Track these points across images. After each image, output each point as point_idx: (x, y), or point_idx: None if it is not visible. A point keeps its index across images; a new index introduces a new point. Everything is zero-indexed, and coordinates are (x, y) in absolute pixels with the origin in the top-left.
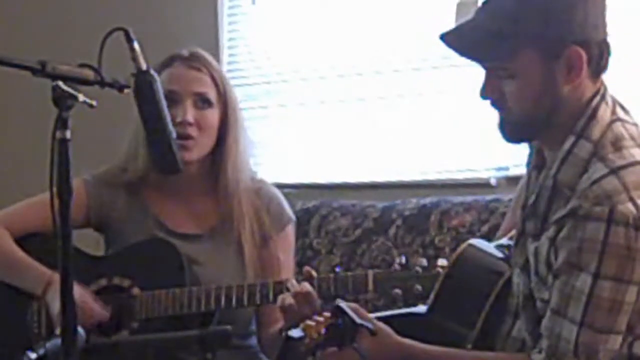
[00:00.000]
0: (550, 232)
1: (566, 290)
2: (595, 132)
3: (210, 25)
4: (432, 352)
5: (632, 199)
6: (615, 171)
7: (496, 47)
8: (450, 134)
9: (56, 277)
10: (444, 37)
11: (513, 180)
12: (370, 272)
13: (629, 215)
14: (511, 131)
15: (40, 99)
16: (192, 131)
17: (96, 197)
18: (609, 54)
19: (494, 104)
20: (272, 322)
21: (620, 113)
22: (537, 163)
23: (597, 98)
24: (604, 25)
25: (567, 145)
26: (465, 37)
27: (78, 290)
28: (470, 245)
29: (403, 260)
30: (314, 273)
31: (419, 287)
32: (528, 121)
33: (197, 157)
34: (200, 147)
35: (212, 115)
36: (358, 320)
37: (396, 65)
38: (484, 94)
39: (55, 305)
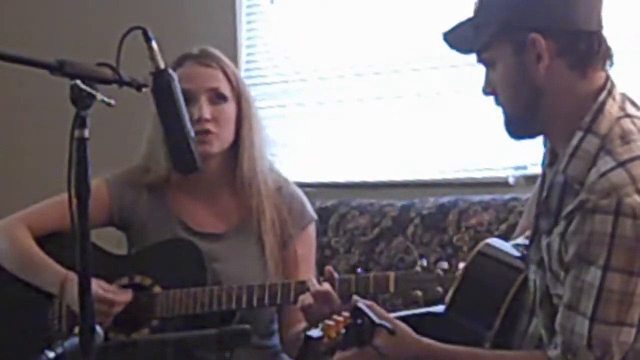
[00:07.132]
0: (560, 227)
1: (577, 285)
2: (603, 126)
3: (228, 25)
4: (451, 350)
5: (639, 191)
6: (623, 164)
7: (475, 37)
8: (468, 133)
9: (71, 275)
10: (445, 36)
11: (531, 179)
12: (392, 274)
13: (636, 207)
14: (509, 126)
15: (58, 98)
16: (211, 126)
17: (118, 197)
18: (592, 46)
19: (495, 100)
20: (295, 322)
21: (629, 109)
22: (550, 161)
23: (604, 93)
24: (588, 16)
25: (575, 140)
26: (457, 32)
27: (95, 283)
28: (488, 244)
29: (424, 262)
30: (335, 274)
31: (439, 289)
32: (516, 113)
33: (218, 150)
34: (221, 140)
35: (229, 109)
36: (377, 320)
37: (414, 64)
38: (483, 89)
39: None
